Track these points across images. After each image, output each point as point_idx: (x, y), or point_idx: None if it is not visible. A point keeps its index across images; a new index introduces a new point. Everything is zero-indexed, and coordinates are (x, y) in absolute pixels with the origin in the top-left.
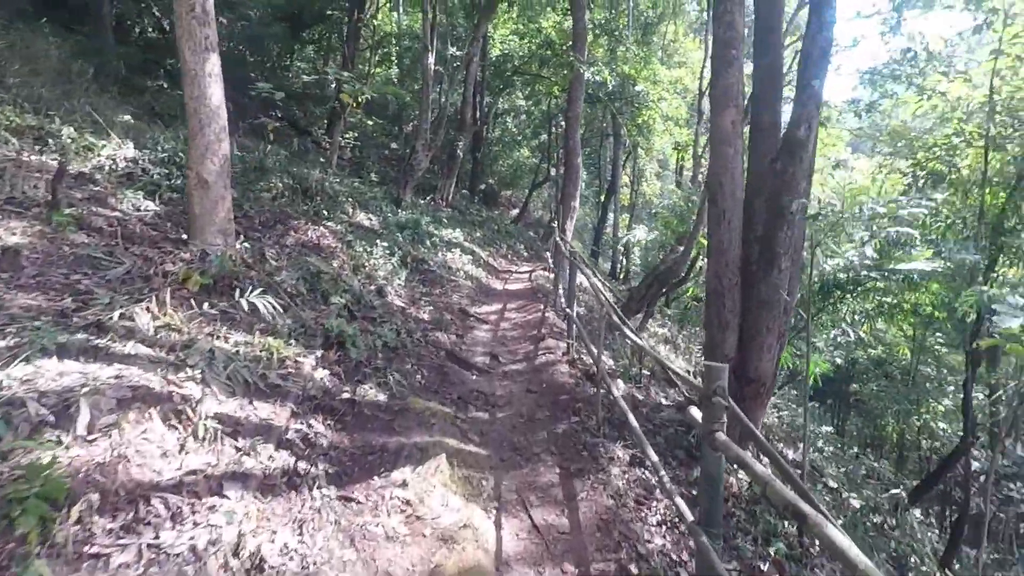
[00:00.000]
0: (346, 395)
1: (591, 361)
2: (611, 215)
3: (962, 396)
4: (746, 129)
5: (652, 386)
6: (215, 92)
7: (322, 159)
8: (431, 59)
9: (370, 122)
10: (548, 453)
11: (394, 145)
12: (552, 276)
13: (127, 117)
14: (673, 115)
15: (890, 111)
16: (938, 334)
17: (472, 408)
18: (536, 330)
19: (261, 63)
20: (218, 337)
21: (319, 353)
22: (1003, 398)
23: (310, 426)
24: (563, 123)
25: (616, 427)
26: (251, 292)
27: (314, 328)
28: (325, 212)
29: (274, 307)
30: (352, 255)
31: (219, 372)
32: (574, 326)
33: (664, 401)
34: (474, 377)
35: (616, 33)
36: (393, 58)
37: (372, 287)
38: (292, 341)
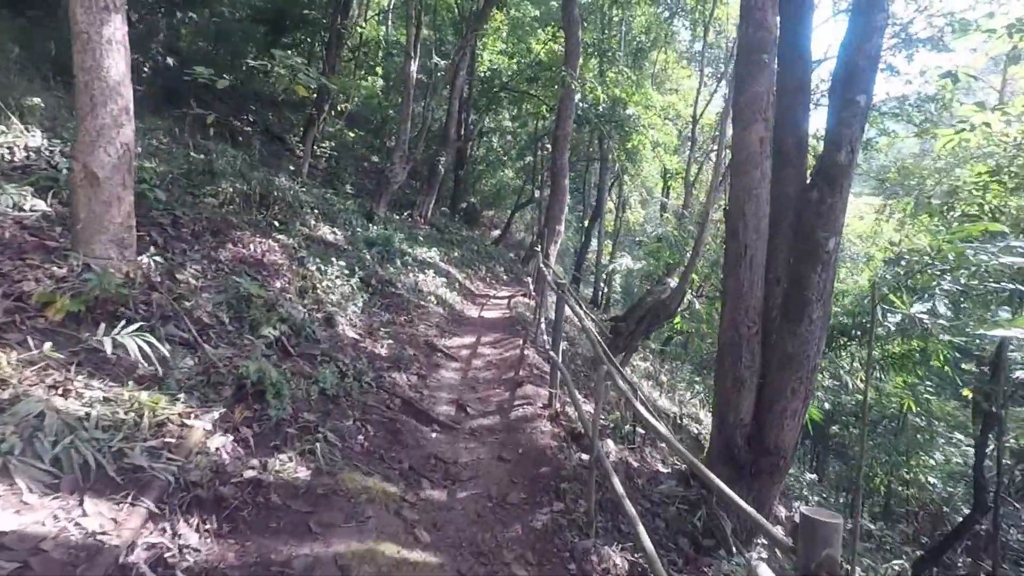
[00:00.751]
0: (250, 474)
1: (576, 415)
2: (594, 241)
3: (969, 456)
4: None
5: (646, 445)
6: (115, 64)
7: (292, 167)
8: (414, 67)
9: (351, 133)
10: (522, 564)
11: (375, 158)
12: (533, 303)
13: (37, 100)
14: (664, 141)
15: (886, 148)
16: (926, 382)
17: (426, 484)
18: (513, 371)
19: (234, 64)
20: (63, 392)
21: (222, 411)
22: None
23: (175, 535)
24: (549, 145)
25: (609, 512)
26: (125, 327)
27: (224, 374)
28: (278, 223)
29: (154, 347)
30: (301, 274)
31: (43, 450)
32: (559, 372)
33: (662, 467)
34: (434, 436)
35: (609, 54)
36: (378, 69)
37: (320, 315)
38: (183, 395)
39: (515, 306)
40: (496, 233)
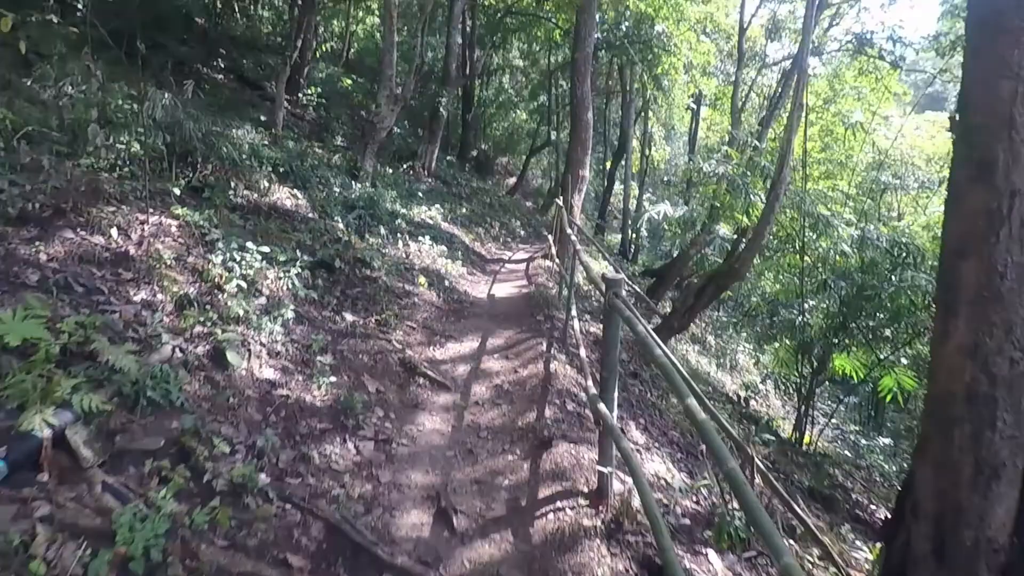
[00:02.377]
0: None
1: (646, 519)
2: (617, 183)
3: None
4: None
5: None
6: None
7: (264, 117)
8: None
9: (348, 81)
10: None
11: (375, 107)
12: (555, 268)
13: None
14: (700, 62)
15: None
16: None
17: None
18: (535, 407)
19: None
20: None
21: None
22: None
23: None
24: (567, 78)
25: None
26: None
27: None
28: (202, 189)
29: None
30: (199, 271)
31: None
32: (612, 445)
33: None
34: None
35: None
36: (373, 4)
37: (204, 347)
38: None
39: (535, 274)
40: (511, 181)
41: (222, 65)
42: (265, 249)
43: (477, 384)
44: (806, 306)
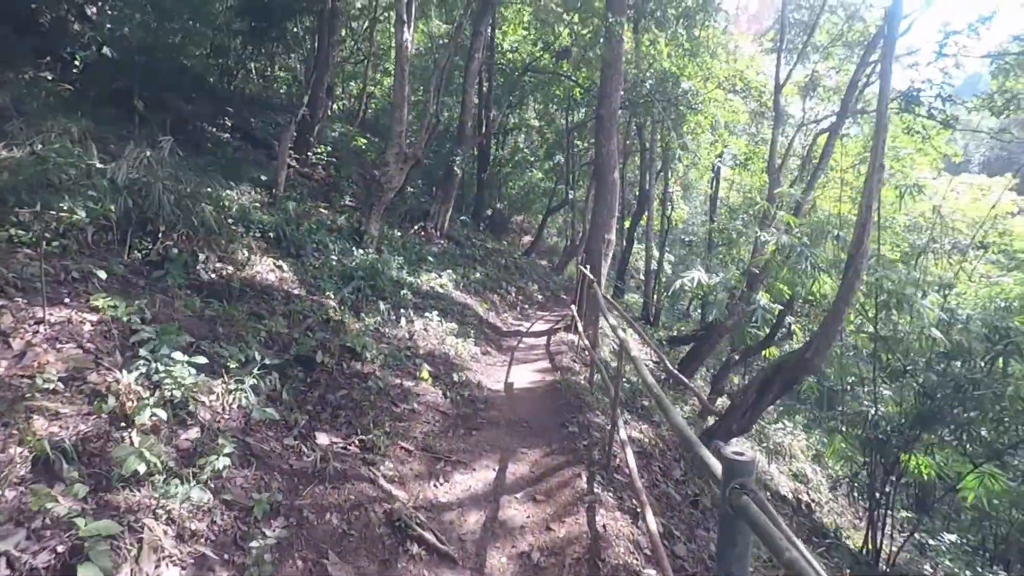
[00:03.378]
0: None
1: None
2: (636, 243)
3: None
4: None
5: None
6: None
7: (264, 176)
8: (407, 35)
9: (363, 140)
10: None
11: (383, 165)
12: (580, 344)
13: None
14: (729, 120)
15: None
16: None
17: None
18: None
19: (213, 62)
20: None
21: None
22: None
23: None
24: (582, 137)
25: None
26: None
27: None
28: (157, 264)
29: None
30: (95, 395)
31: None
32: None
33: None
34: None
35: (655, 14)
36: (389, 65)
37: (46, 555)
38: None
39: (557, 351)
40: (527, 239)
41: (229, 124)
42: (202, 360)
43: (494, 550)
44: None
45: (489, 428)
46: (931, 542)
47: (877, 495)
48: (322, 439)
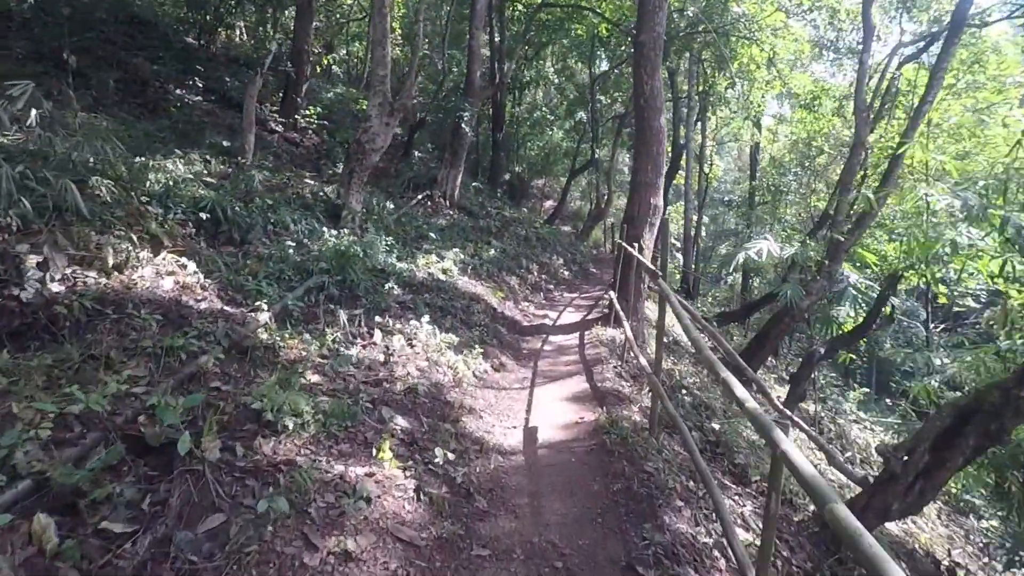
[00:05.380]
0: None
1: None
2: (668, 206)
3: None
4: None
5: None
6: None
7: (227, 142)
8: None
9: (365, 102)
10: None
11: (399, 130)
12: (625, 342)
13: None
14: (790, 52)
15: None
16: None
17: None
18: None
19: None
20: None
21: None
22: None
23: None
24: (606, 90)
25: None
26: None
27: None
28: None
29: None
30: None
31: None
32: None
33: None
34: None
35: None
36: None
37: None
38: None
39: (597, 363)
40: (548, 204)
41: (200, 85)
42: None
43: None
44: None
45: (492, 569)
46: None
47: None
48: None
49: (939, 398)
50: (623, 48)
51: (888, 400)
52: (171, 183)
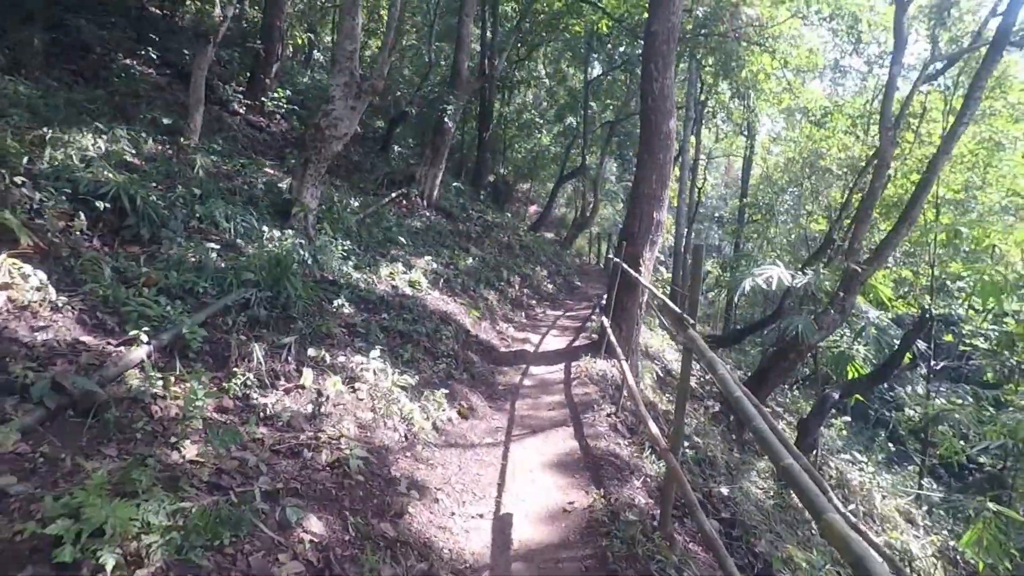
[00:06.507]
0: None
1: None
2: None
3: None
4: None
5: None
6: None
7: (168, 120)
8: None
9: None
10: None
11: (379, 122)
12: (616, 379)
13: None
14: (806, 62)
15: None
16: None
17: None
18: None
19: None
20: None
21: None
22: None
23: None
24: (598, 96)
25: None
26: None
27: None
28: None
29: None
30: None
31: None
32: None
33: None
34: None
35: None
36: None
37: None
38: None
39: (588, 410)
40: (532, 210)
41: (154, 56)
42: None
43: None
44: None
45: None
46: None
47: None
48: None
49: (970, 462)
50: (623, 49)
51: (868, 429)
52: (69, 162)
